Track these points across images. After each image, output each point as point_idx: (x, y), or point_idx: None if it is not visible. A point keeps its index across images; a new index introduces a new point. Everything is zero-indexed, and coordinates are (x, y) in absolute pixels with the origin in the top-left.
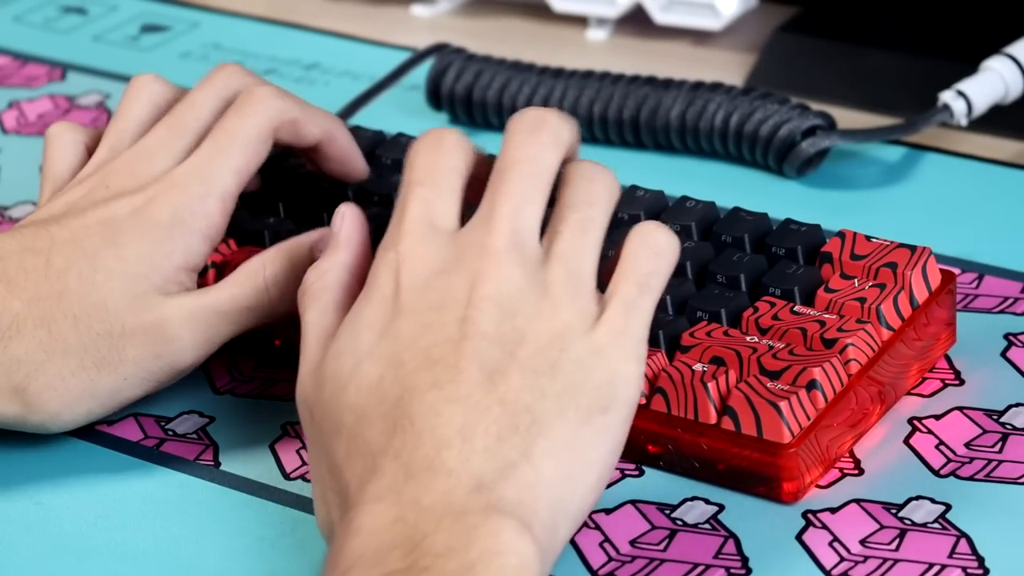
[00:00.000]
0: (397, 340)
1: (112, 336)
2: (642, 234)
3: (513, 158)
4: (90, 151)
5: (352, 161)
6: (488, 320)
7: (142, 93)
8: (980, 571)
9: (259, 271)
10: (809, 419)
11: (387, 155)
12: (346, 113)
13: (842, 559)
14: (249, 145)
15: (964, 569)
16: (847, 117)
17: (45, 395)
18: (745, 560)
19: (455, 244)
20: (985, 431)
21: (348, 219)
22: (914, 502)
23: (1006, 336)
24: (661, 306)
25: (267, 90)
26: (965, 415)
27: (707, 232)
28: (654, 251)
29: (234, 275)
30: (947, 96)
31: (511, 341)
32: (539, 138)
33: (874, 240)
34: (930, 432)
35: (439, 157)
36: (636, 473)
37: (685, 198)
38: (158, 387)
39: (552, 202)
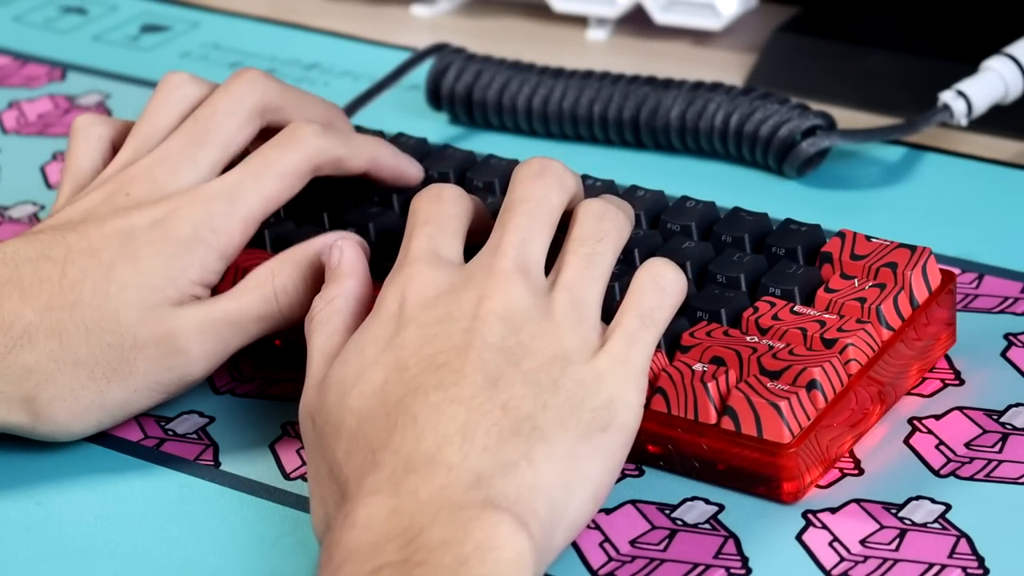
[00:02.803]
0: (402, 348)
1: (123, 348)
2: (650, 270)
3: (520, 197)
4: (115, 146)
5: (403, 176)
6: (493, 333)
7: (172, 96)
8: (980, 571)
9: (267, 280)
10: (809, 419)
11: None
12: (346, 113)
13: (842, 559)
14: (284, 177)
15: (964, 569)
16: (847, 117)
17: (55, 405)
18: (745, 560)
19: (462, 270)
20: (985, 431)
21: (347, 250)
22: (914, 502)
23: (1006, 336)
24: None
25: (312, 128)
26: (965, 415)
27: (707, 232)
28: (660, 286)
29: (242, 284)
30: (947, 96)
31: (515, 354)
32: (544, 181)
33: (874, 240)
34: (930, 432)
35: (441, 205)
36: (636, 473)
37: (685, 198)
38: (168, 398)
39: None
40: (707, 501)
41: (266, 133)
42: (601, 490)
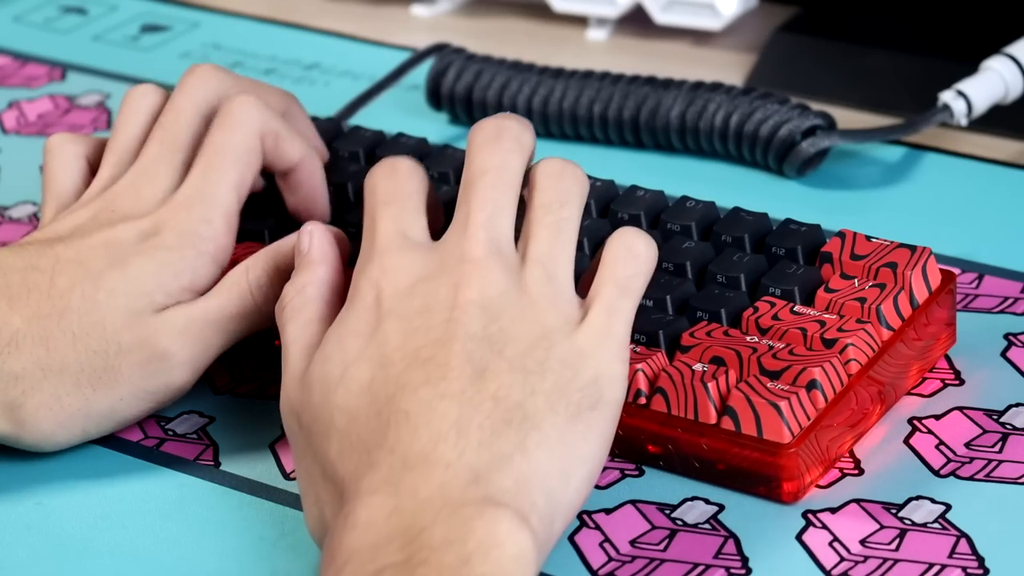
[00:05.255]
0: (385, 343)
1: (108, 354)
2: (621, 239)
3: (480, 168)
4: (90, 163)
5: (318, 199)
6: (474, 322)
7: (140, 106)
8: (980, 571)
9: (242, 277)
10: (809, 419)
11: (387, 155)
12: (346, 113)
13: (842, 559)
14: (241, 159)
15: (964, 569)
16: (847, 117)
17: (40, 414)
18: (745, 560)
19: (434, 254)
20: (985, 431)
21: (317, 236)
22: (914, 502)
23: (1006, 336)
24: (661, 306)
25: (248, 99)
26: (965, 415)
27: (707, 232)
28: (634, 255)
29: (219, 284)
30: (947, 96)
31: (498, 341)
32: (502, 145)
33: (874, 240)
34: (930, 432)
35: (398, 182)
36: (636, 473)
37: (685, 198)
38: (157, 407)
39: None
40: (707, 501)
41: None
42: (595, 469)
